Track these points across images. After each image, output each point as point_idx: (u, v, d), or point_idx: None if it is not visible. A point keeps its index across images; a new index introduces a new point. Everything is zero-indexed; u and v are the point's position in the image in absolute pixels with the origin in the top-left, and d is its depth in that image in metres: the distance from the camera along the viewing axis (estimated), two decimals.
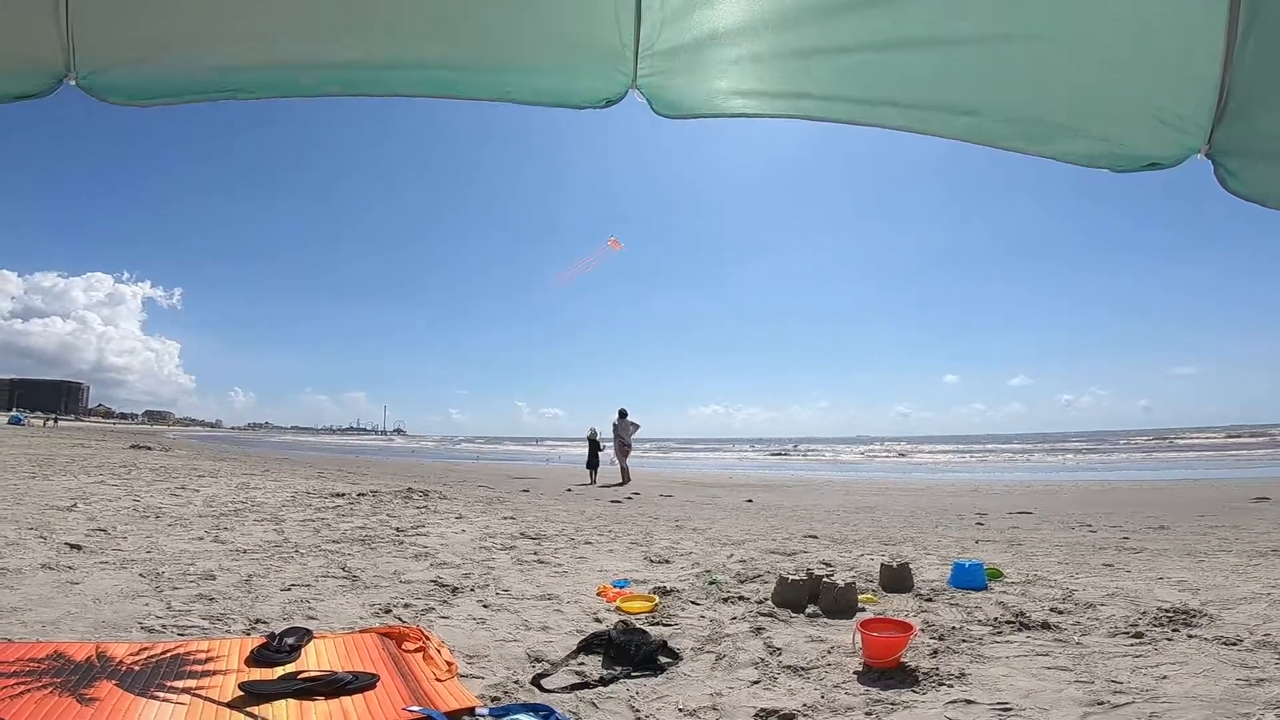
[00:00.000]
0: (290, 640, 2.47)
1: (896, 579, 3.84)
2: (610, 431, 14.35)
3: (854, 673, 2.46)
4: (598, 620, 3.13)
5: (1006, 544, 5.68)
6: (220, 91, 1.90)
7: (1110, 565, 4.59)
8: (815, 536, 6.03)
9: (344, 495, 8.01)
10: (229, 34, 1.81)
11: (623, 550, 5.07)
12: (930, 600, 3.56)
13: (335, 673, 2.19)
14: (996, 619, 3.16)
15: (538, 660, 2.56)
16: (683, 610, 3.32)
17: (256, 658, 2.34)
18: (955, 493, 12.44)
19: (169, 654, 2.36)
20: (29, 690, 1.98)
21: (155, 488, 8.01)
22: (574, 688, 2.28)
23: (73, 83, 1.81)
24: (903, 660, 2.49)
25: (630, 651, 2.52)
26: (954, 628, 3.02)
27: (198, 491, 7.84)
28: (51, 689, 2.00)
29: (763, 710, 2.13)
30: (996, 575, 4.14)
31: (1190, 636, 2.86)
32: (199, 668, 2.26)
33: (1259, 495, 10.02)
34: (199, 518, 5.80)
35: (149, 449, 18.35)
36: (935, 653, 2.68)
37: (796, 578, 3.47)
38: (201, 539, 4.78)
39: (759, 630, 2.99)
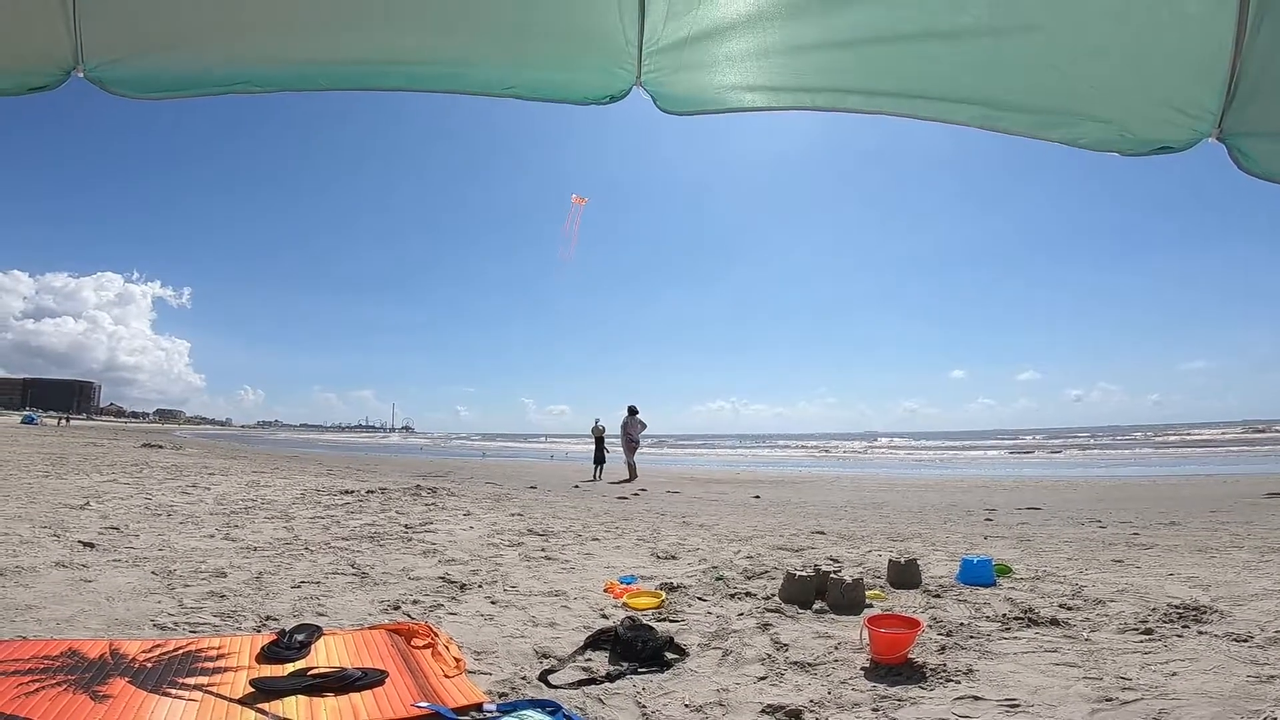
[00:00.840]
0: (300, 637, 2.49)
1: (904, 575, 3.83)
2: (619, 429, 14.41)
3: (861, 669, 2.46)
4: (604, 616, 3.14)
5: (1015, 540, 5.66)
6: (227, 85, 1.90)
7: (1120, 561, 4.57)
8: (823, 532, 6.02)
9: (353, 493, 8.07)
10: (235, 28, 1.82)
11: (630, 547, 5.08)
12: (938, 596, 3.55)
13: (345, 669, 2.21)
14: (1005, 615, 3.15)
15: (545, 656, 2.58)
16: (689, 606, 3.33)
17: (267, 654, 2.36)
18: (964, 488, 12.39)
19: (181, 651, 2.39)
20: (44, 687, 2.00)
21: (167, 486, 8.09)
22: (581, 684, 2.29)
23: (80, 75, 1.82)
24: (910, 656, 2.49)
25: (637, 648, 2.53)
26: (962, 624, 3.02)
27: (209, 489, 7.91)
28: (66, 686, 2.02)
29: (769, 706, 2.13)
30: (1005, 571, 4.12)
31: (1201, 633, 2.85)
32: (210, 664, 2.28)
33: (1271, 491, 9.93)
34: (210, 515, 5.85)
35: (160, 447, 18.51)
36: (943, 649, 2.68)
37: (804, 574, 3.47)
38: (212, 536, 4.83)
39: (766, 626, 2.99)
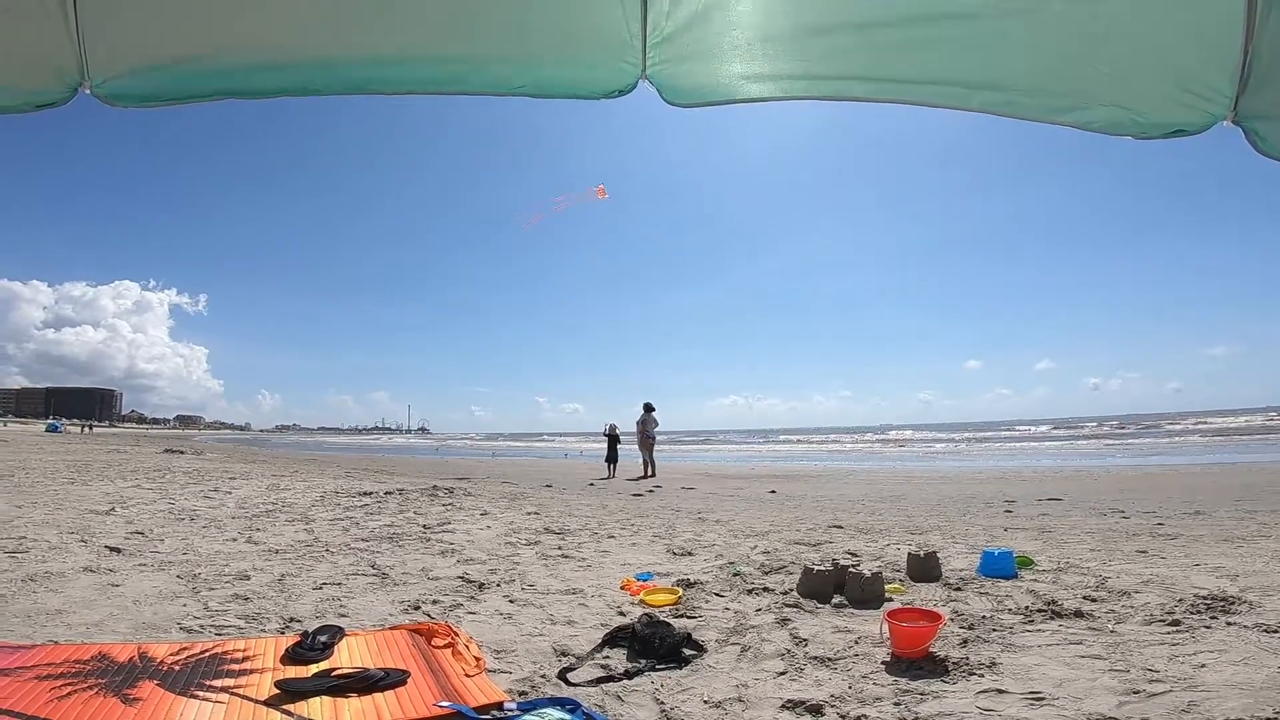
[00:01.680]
0: (323, 638, 2.52)
1: (924, 568, 3.80)
2: (635, 426, 14.49)
3: (882, 663, 2.44)
4: (622, 614, 3.15)
5: (1036, 531, 5.59)
6: (230, 92, 1.91)
7: (1144, 552, 4.50)
8: (840, 527, 5.98)
9: (371, 494, 8.15)
10: (237, 35, 1.83)
11: (645, 544, 5.09)
12: (959, 589, 3.51)
13: (368, 669, 2.23)
14: (1028, 608, 3.11)
15: (563, 654, 2.59)
16: (706, 602, 3.33)
17: (291, 656, 2.39)
18: (982, 480, 12.26)
19: (207, 653, 2.43)
20: (76, 691, 2.04)
21: (189, 490, 8.22)
22: (599, 681, 2.30)
23: (88, 91, 1.85)
24: (932, 650, 2.47)
25: (654, 644, 2.53)
26: (984, 617, 2.98)
27: (230, 493, 8.02)
28: (97, 689, 2.06)
29: (789, 701, 2.12)
30: (1027, 563, 4.07)
31: (1229, 624, 2.79)
32: (236, 666, 2.31)
33: None
34: (232, 519, 5.94)
35: (181, 453, 18.82)
36: (965, 642, 2.65)
37: (822, 568, 3.45)
38: (235, 540, 4.90)
39: (784, 621, 2.98)
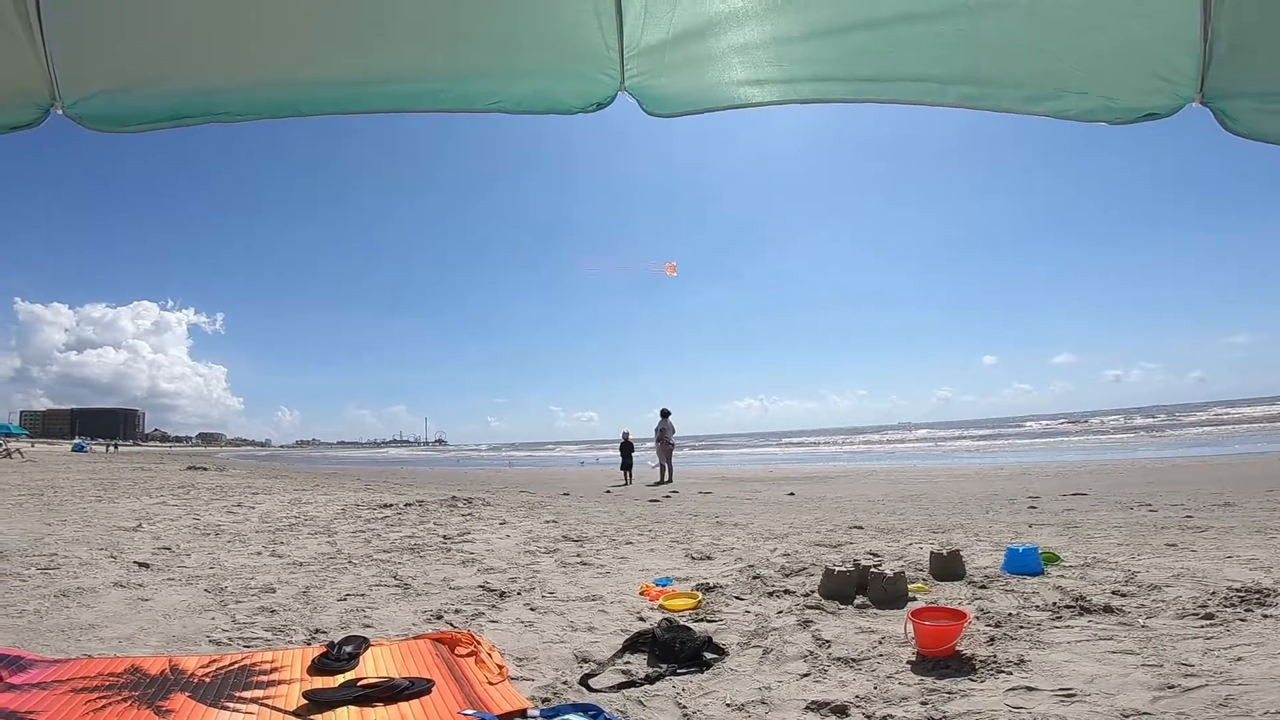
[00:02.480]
0: (349, 648, 2.54)
1: (947, 567, 3.75)
2: (654, 432, 14.53)
3: (907, 663, 2.42)
4: (641, 619, 3.14)
5: (1062, 527, 5.50)
6: (204, 115, 1.88)
7: (1174, 545, 4.41)
8: (861, 527, 5.93)
9: (391, 506, 8.22)
10: (208, 57, 1.81)
11: (664, 549, 5.08)
12: (984, 587, 3.47)
13: (393, 679, 2.25)
14: (1055, 604, 3.06)
15: (585, 661, 2.59)
16: (727, 606, 3.31)
17: (318, 666, 2.42)
18: (1005, 477, 12.09)
19: (236, 665, 2.46)
20: (111, 704, 2.08)
21: (213, 506, 8.34)
22: (621, 687, 2.30)
23: (59, 112, 1.82)
24: (958, 649, 2.44)
25: (675, 649, 2.52)
26: (1010, 614, 2.94)
27: (253, 508, 8.13)
28: (131, 702, 2.10)
29: (814, 703, 2.11)
30: (1053, 559, 4.01)
31: (1265, 616, 2.73)
32: (265, 677, 2.34)
33: None
34: (256, 533, 6.02)
35: (205, 469, 19.11)
36: (992, 640, 2.62)
37: (843, 569, 3.42)
38: (260, 554, 4.97)
39: (807, 623, 2.96)
